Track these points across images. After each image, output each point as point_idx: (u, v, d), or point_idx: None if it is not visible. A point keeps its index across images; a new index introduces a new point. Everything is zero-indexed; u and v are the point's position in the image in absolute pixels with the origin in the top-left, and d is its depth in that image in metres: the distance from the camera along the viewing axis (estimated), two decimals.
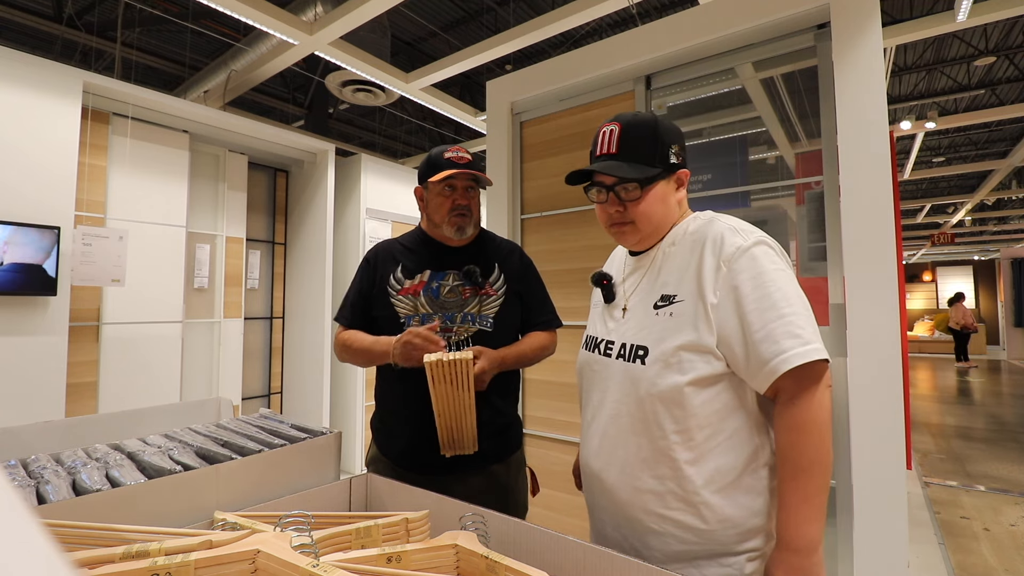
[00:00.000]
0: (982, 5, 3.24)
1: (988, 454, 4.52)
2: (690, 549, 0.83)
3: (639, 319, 0.91)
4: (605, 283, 1.03)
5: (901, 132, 5.62)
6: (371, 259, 1.35)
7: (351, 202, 4.32)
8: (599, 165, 0.93)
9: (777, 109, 2.47)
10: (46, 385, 2.59)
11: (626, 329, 0.93)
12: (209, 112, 3.40)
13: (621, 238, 0.98)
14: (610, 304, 1.00)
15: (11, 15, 3.79)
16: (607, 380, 0.94)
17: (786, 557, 0.77)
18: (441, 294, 1.27)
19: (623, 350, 0.91)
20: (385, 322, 1.28)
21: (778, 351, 0.77)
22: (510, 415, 1.33)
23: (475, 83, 5.03)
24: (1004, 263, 12.23)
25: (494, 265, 1.34)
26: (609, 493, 0.91)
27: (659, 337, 0.86)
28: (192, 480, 0.84)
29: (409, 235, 1.39)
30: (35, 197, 2.58)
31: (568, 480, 2.36)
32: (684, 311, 0.85)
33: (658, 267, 0.93)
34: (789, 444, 0.78)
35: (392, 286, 1.28)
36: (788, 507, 0.78)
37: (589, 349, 1.01)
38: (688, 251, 0.89)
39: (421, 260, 1.31)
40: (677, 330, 0.84)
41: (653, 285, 0.92)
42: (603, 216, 0.97)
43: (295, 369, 4.22)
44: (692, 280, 0.86)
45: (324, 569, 0.57)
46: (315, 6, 3.30)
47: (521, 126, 2.66)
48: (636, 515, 0.87)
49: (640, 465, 0.86)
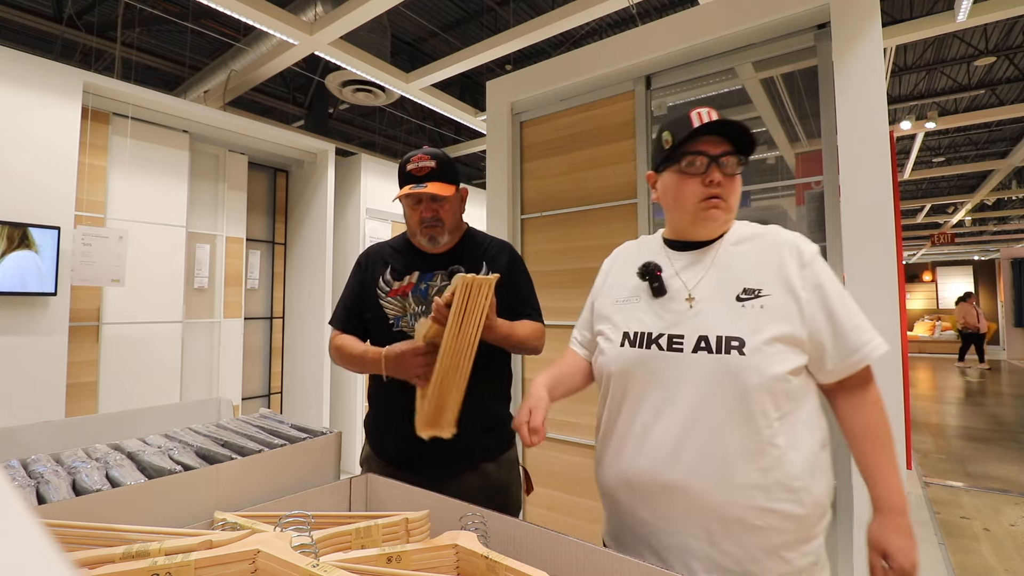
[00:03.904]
0: (982, 5, 3.24)
1: (988, 454, 4.52)
2: (787, 540, 0.83)
3: (721, 311, 0.88)
4: (656, 275, 0.96)
5: (901, 132, 5.62)
6: (362, 262, 1.37)
7: (351, 202, 4.32)
8: (717, 123, 0.89)
9: (777, 109, 2.47)
10: (46, 385, 2.59)
11: (702, 321, 0.89)
12: (209, 112, 3.40)
13: (710, 219, 0.93)
14: (662, 297, 0.95)
15: (11, 15, 3.79)
16: (680, 376, 0.88)
17: (894, 519, 0.84)
18: (429, 294, 1.28)
19: (705, 342, 0.87)
20: (375, 323, 1.29)
21: (869, 339, 0.87)
22: (502, 414, 1.34)
23: (475, 83, 5.03)
24: (1004, 263, 12.21)
25: (481, 264, 1.33)
26: (696, 499, 0.84)
27: (753, 328, 0.86)
28: (192, 480, 0.84)
29: (398, 238, 1.41)
30: (35, 197, 2.58)
31: (568, 480, 2.37)
32: (775, 304, 0.87)
33: (726, 262, 0.93)
34: (877, 419, 0.88)
35: (381, 288, 1.30)
36: (886, 475, 0.86)
37: (639, 346, 0.93)
38: (762, 250, 0.93)
39: (409, 262, 1.33)
40: (771, 321, 0.86)
41: (727, 279, 0.91)
42: (695, 191, 0.92)
43: (295, 369, 4.22)
44: (776, 277, 0.89)
45: (324, 569, 0.57)
46: (315, 6, 3.29)
47: (521, 126, 2.66)
48: (736, 514, 0.83)
49: (743, 459, 0.83)
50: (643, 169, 2.22)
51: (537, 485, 2.45)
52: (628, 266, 1.04)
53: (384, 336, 1.27)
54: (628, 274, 1.02)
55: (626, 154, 2.28)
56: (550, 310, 2.45)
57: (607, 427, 0.98)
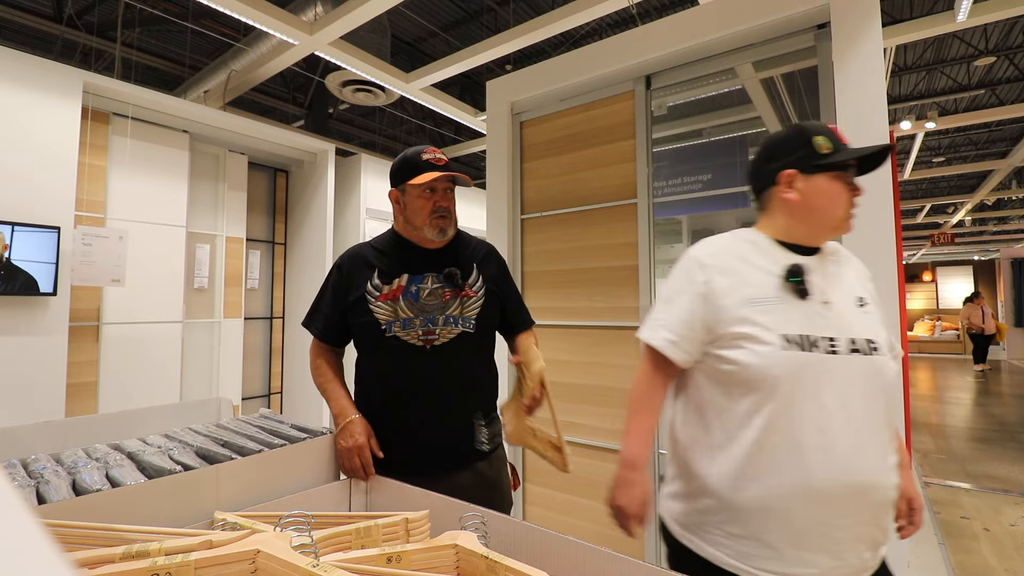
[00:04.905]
0: (982, 5, 3.24)
1: (988, 454, 4.52)
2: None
3: (854, 314, 0.96)
4: (804, 277, 0.95)
5: (901, 132, 5.62)
6: (342, 265, 1.31)
7: (351, 202, 4.32)
8: (872, 149, 0.99)
9: (777, 109, 2.47)
10: (46, 385, 2.59)
11: (844, 323, 0.93)
12: (209, 112, 3.40)
13: (848, 229, 1.02)
14: (805, 299, 0.94)
15: (11, 15, 3.79)
16: (847, 378, 0.89)
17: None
18: (421, 297, 1.25)
19: (855, 344, 0.92)
20: (364, 329, 1.25)
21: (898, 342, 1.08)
22: (493, 413, 1.35)
23: (475, 83, 5.03)
24: (1004, 263, 12.21)
25: (472, 266, 1.33)
26: (875, 491, 0.90)
27: (876, 331, 0.96)
28: (192, 480, 0.84)
29: (381, 238, 1.35)
30: (35, 197, 2.58)
31: (568, 480, 2.37)
32: (875, 311, 1.00)
33: (838, 270, 1.02)
34: None
35: (371, 293, 1.25)
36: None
37: (804, 348, 0.90)
38: (850, 261, 1.06)
39: (397, 264, 1.29)
40: (880, 325, 0.98)
41: (845, 284, 1.00)
42: (848, 203, 1.00)
43: (295, 369, 4.22)
44: (866, 288, 1.03)
45: (324, 569, 0.57)
46: (315, 6, 3.29)
47: (521, 126, 2.66)
48: (890, 495, 0.92)
49: (889, 446, 0.93)
50: (643, 169, 2.22)
51: (537, 485, 2.45)
52: (748, 265, 0.99)
53: (377, 342, 1.24)
54: (755, 273, 0.97)
55: (626, 154, 2.28)
56: (550, 310, 2.45)
57: (763, 435, 0.89)
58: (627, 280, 2.24)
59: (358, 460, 1.12)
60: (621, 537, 1.04)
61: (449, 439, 1.24)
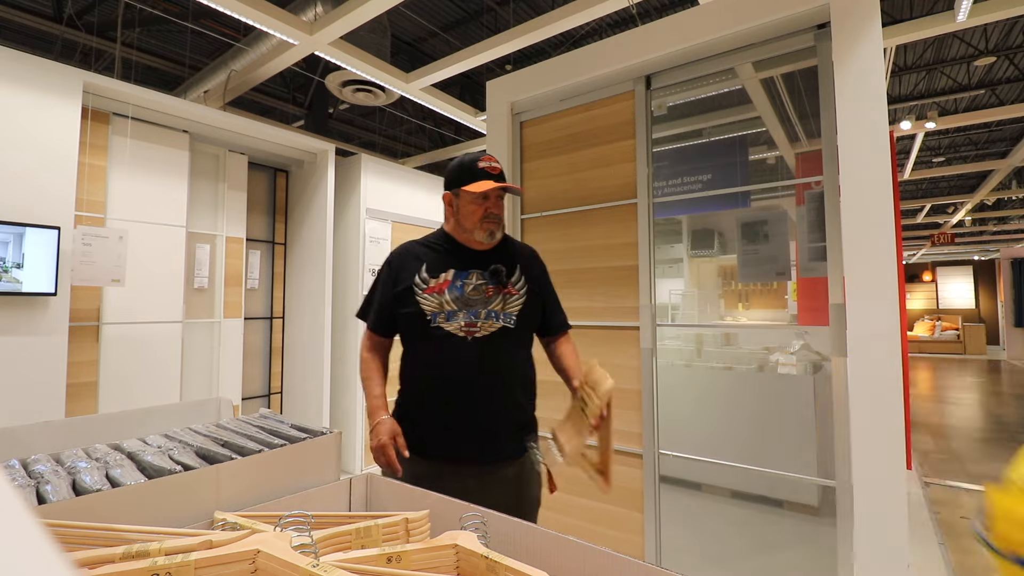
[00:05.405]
0: (982, 5, 3.24)
1: (988, 454, 4.52)
2: None
3: None
4: None
5: (901, 132, 5.62)
6: (392, 261, 1.41)
7: (351, 202, 4.31)
8: None
9: (777, 109, 2.47)
10: (46, 385, 2.59)
11: None
12: (209, 112, 3.39)
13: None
14: None
15: (11, 15, 3.78)
16: None
17: None
18: (465, 291, 1.33)
19: None
20: (411, 319, 1.33)
21: None
22: (530, 413, 1.41)
23: (475, 83, 5.03)
24: (1004, 263, 12.20)
25: (516, 266, 1.41)
26: None
27: None
28: (192, 480, 0.84)
29: (432, 236, 1.45)
30: (35, 197, 2.58)
31: (569, 480, 2.37)
32: None
33: None
34: None
35: (418, 285, 1.34)
36: None
37: None
38: None
39: (445, 260, 1.37)
40: None
41: None
42: None
43: (295, 369, 4.22)
44: None
45: (324, 569, 0.57)
46: (315, 6, 3.29)
47: (521, 126, 2.66)
48: None
49: None
50: (643, 169, 2.22)
51: None
52: None
53: (422, 332, 1.32)
54: None
55: (626, 154, 2.28)
56: None
57: None
58: (627, 280, 2.24)
59: (383, 458, 1.24)
60: (621, 537, 1.04)
61: (489, 424, 1.31)
